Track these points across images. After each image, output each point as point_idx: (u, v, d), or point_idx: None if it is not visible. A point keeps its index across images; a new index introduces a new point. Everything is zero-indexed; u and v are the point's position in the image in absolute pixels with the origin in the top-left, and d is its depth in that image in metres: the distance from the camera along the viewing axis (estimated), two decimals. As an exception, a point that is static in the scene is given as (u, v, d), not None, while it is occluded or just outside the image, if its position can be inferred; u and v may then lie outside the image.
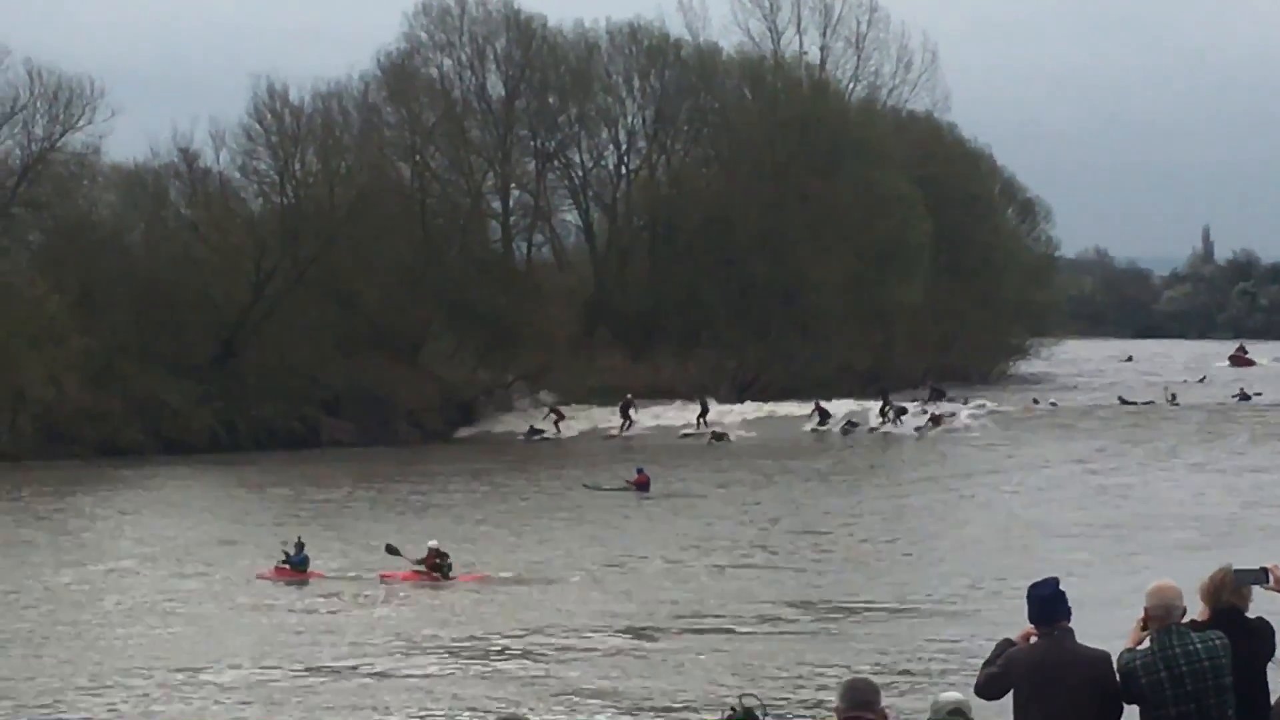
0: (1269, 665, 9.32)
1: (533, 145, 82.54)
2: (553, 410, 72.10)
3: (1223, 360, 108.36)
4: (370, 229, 70.86)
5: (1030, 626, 9.26)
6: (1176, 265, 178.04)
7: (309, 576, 34.00)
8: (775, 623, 28.50)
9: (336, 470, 56.59)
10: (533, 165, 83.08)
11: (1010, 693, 9.23)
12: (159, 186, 73.74)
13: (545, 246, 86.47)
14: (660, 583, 33.41)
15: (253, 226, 72.59)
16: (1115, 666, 9.09)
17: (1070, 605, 9.26)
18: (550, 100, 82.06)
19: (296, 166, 73.29)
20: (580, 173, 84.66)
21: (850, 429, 69.15)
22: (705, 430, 69.18)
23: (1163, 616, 8.99)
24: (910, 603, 30.56)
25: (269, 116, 72.68)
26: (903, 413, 69.76)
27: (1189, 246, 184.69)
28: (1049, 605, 9.20)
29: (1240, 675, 9.00)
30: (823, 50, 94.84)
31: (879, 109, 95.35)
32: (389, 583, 33.45)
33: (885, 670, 22.86)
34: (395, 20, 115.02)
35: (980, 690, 9.33)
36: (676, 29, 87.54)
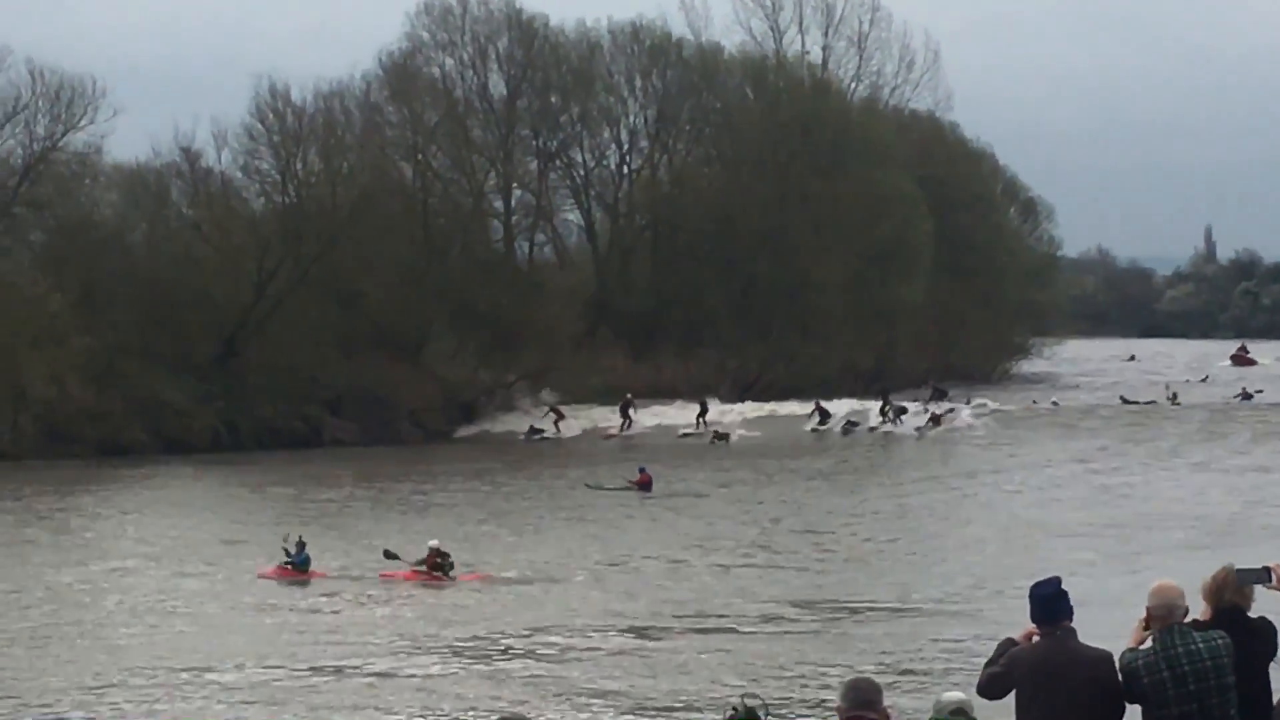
0: (1271, 665, 9.33)
1: (534, 145, 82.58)
2: (552, 410, 72.12)
3: (1224, 360, 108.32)
4: (372, 229, 70.87)
5: (1032, 626, 9.28)
6: (1179, 265, 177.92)
7: (310, 576, 34.02)
8: (777, 622, 28.50)
9: (338, 470, 56.60)
10: (534, 165, 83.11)
11: (1012, 692, 9.24)
12: (161, 186, 73.77)
13: (547, 246, 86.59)
14: (663, 582, 33.41)
15: (254, 226, 72.60)
16: (1117, 666, 9.10)
17: (1072, 605, 9.27)
18: (552, 100, 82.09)
19: (298, 166, 73.34)
20: (582, 172, 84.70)
21: (851, 429, 69.13)
22: (705, 430, 69.17)
23: (1165, 616, 8.99)
24: (912, 602, 30.55)
25: (271, 116, 72.73)
26: (903, 412, 69.74)
27: (1191, 246, 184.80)
28: (1051, 605, 9.21)
29: (1242, 675, 9.01)
30: (825, 50, 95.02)
31: (881, 109, 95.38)
32: (390, 582, 33.45)
33: (887, 670, 22.87)
34: (397, 20, 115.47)
35: (982, 690, 9.34)
36: (678, 28, 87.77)
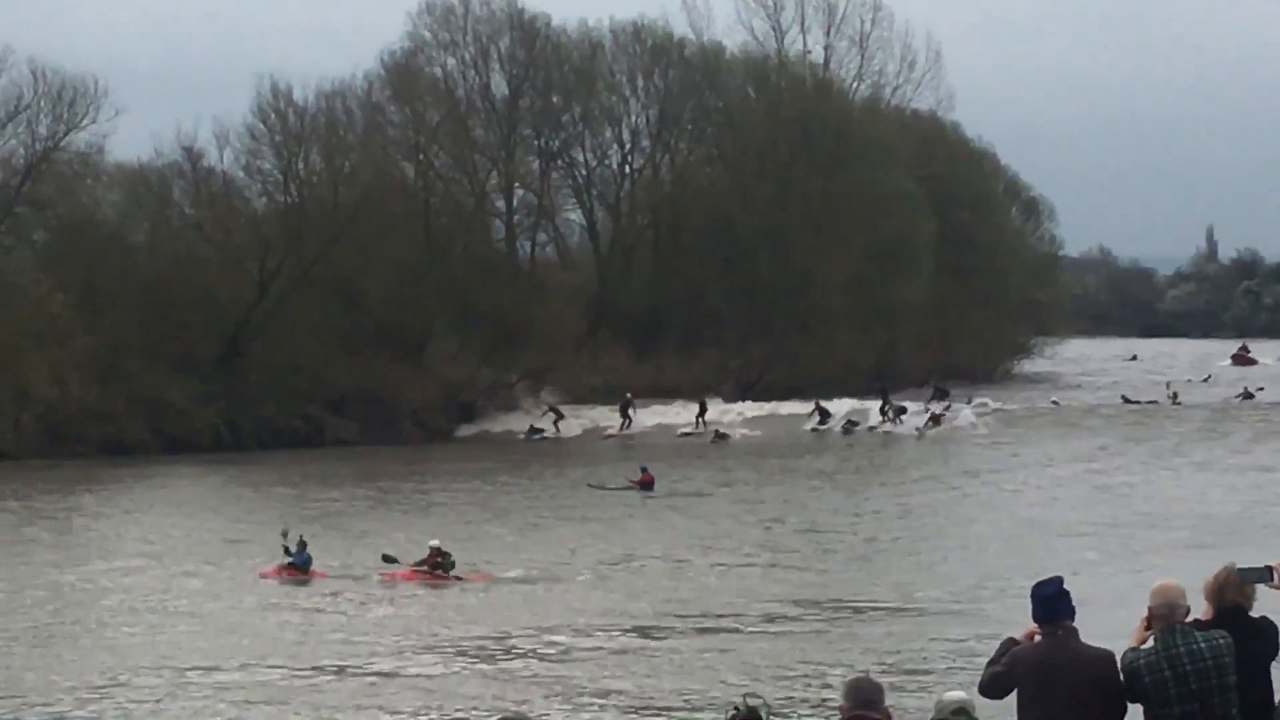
0: (1273, 664, 9.34)
1: (536, 144, 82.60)
2: (552, 409, 72.13)
3: (1225, 359, 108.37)
4: (374, 228, 70.88)
5: (1034, 625, 9.29)
6: (1180, 264, 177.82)
7: (312, 576, 34.02)
8: (780, 622, 28.49)
9: (340, 469, 56.62)
10: (536, 164, 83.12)
11: (1014, 692, 9.25)
12: (163, 186, 73.79)
13: (549, 246, 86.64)
14: (665, 582, 33.41)
15: (256, 226, 72.65)
16: (1119, 666, 9.11)
17: (1074, 604, 9.28)
18: (554, 99, 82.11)
19: (300, 166, 73.37)
20: (584, 172, 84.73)
21: (851, 428, 69.14)
22: (704, 430, 69.19)
23: (1166, 616, 9.00)
24: (914, 602, 30.55)
25: (273, 116, 72.76)
26: (902, 412, 69.76)
27: (1193, 245, 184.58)
28: (1053, 604, 9.22)
29: (1244, 674, 9.02)
30: (826, 49, 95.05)
31: (883, 108, 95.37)
32: (392, 582, 33.44)
33: (889, 669, 22.86)
34: (399, 19, 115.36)
35: (984, 689, 9.35)
36: (680, 28, 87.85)
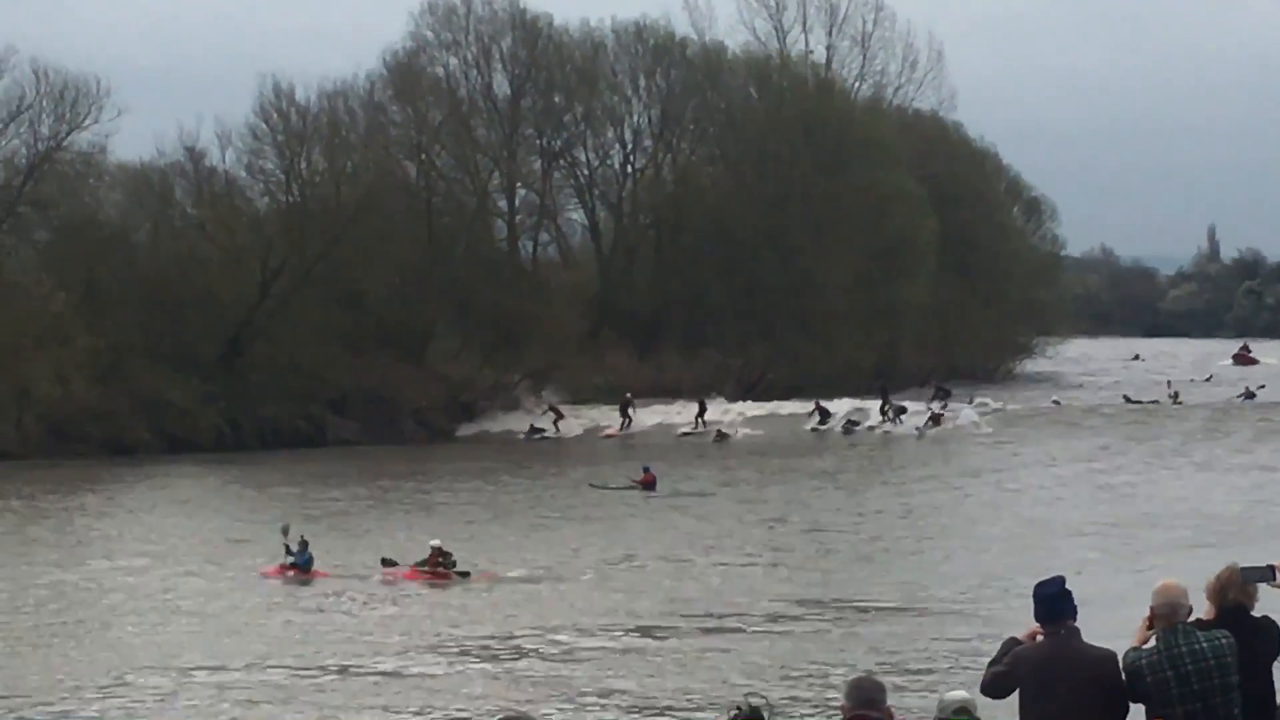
0: (1275, 664, 9.34)
1: (538, 144, 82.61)
2: (551, 409, 72.13)
3: (1226, 359, 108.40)
4: (376, 228, 70.91)
5: (1036, 625, 9.29)
6: (1182, 264, 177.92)
7: (313, 575, 34.04)
8: (782, 621, 28.49)
9: (342, 469, 56.62)
10: (538, 164, 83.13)
11: (1016, 691, 9.26)
12: (165, 185, 73.84)
13: (551, 245, 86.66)
14: (667, 581, 33.40)
15: (259, 225, 72.68)
16: (1121, 666, 9.11)
17: (1076, 604, 9.28)
18: (556, 99, 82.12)
19: (302, 165, 73.40)
20: (586, 172, 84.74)
21: (851, 428, 69.09)
22: (703, 430, 69.18)
23: (1169, 615, 9.01)
24: (917, 601, 30.54)
25: (275, 115, 72.80)
26: (902, 411, 69.71)
27: (1194, 245, 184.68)
28: (1055, 604, 9.23)
29: (1246, 674, 9.02)
30: (828, 49, 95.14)
31: (884, 108, 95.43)
32: (393, 582, 33.44)
33: (891, 669, 22.85)
34: (401, 19, 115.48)
35: (986, 689, 9.36)
36: (682, 28, 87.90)
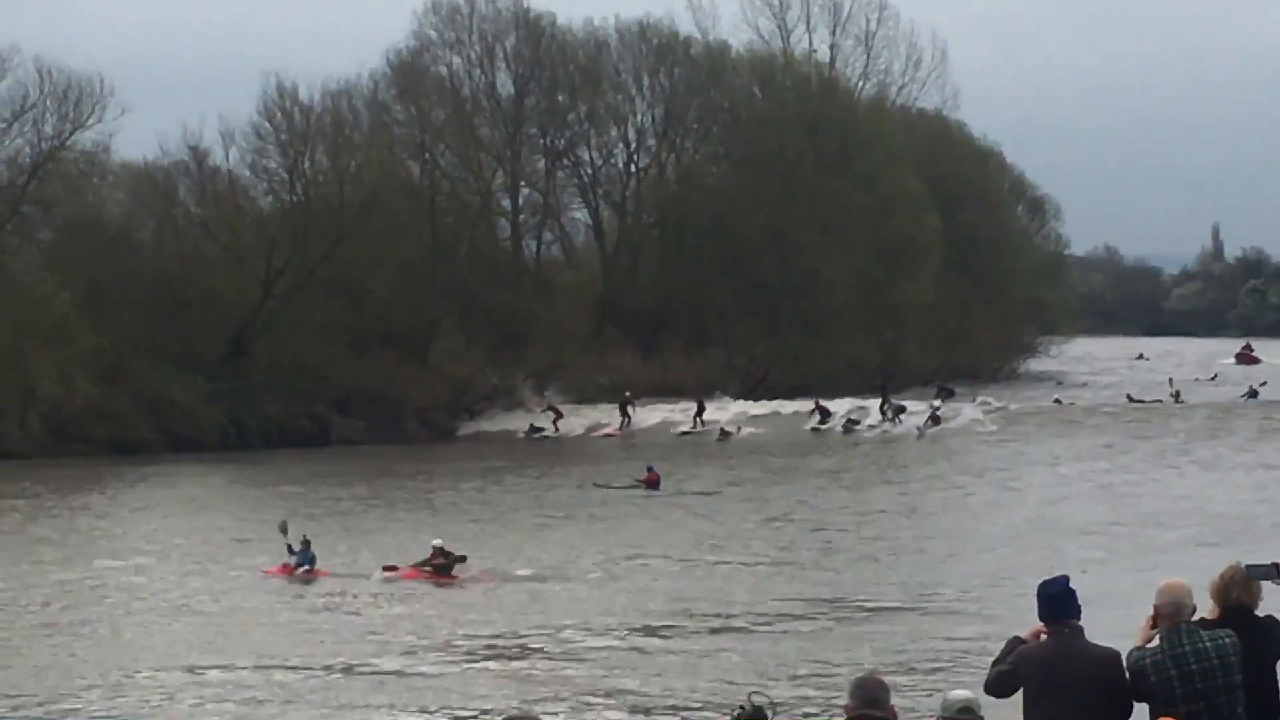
0: (1279, 663, 9.33)
1: (542, 143, 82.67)
2: (551, 408, 72.15)
3: (1229, 359, 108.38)
4: (379, 227, 70.97)
5: (1040, 624, 9.29)
6: (1186, 263, 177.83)
7: (316, 575, 34.06)
8: (785, 620, 28.47)
9: (346, 469, 56.66)
10: (542, 163, 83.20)
11: (1020, 691, 9.25)
12: (169, 184, 73.95)
13: (554, 245, 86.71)
14: (672, 581, 33.40)
15: (262, 225, 72.77)
16: (1125, 665, 9.11)
17: (1080, 603, 9.28)
18: (559, 98, 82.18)
19: (306, 165, 73.49)
20: (590, 171, 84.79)
21: (851, 427, 69.04)
22: (702, 429, 69.18)
23: (1172, 614, 9.00)
24: (920, 600, 30.52)
25: (279, 115, 72.91)
26: (902, 411, 69.65)
27: (1198, 244, 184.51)
28: (1059, 603, 9.22)
29: (1250, 673, 9.02)
30: (832, 48, 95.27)
31: (888, 107, 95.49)
32: (396, 581, 33.44)
33: (895, 668, 22.83)
34: (405, 19, 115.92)
35: (990, 688, 9.36)
36: (686, 27, 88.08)
